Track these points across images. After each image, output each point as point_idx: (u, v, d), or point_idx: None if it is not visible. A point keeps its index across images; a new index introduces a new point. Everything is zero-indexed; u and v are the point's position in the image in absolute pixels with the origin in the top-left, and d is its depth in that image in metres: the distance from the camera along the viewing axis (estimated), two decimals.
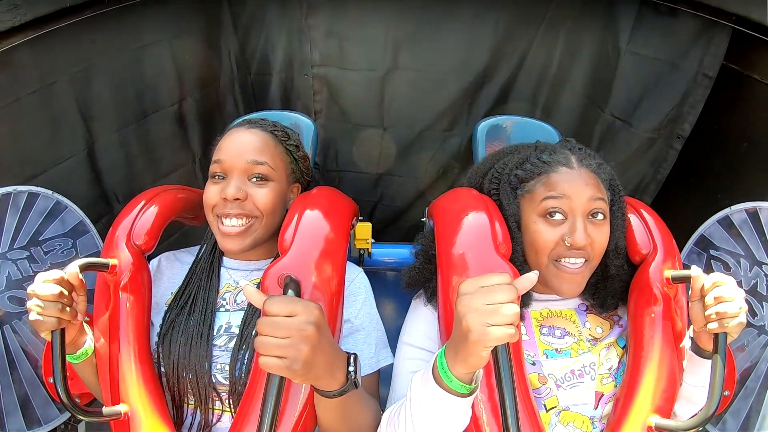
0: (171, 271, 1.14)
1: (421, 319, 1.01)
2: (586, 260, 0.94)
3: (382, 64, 1.73)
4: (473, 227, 0.93)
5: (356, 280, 1.07)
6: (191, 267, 1.11)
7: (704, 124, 1.54)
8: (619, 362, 0.98)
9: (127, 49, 1.46)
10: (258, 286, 0.90)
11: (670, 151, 1.62)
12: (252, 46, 1.79)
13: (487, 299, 0.67)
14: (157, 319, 1.04)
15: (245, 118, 1.32)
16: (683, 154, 1.61)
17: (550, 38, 1.68)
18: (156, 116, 1.60)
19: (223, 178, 1.05)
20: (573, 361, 0.97)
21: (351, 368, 0.79)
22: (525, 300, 1.00)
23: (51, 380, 1.02)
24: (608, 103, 1.65)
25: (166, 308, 1.05)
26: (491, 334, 0.66)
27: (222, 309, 1.05)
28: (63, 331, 0.85)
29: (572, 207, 0.93)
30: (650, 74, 1.55)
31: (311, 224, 0.96)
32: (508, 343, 0.70)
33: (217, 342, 1.00)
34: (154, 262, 1.14)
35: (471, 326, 0.67)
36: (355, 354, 0.82)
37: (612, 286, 1.01)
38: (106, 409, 0.90)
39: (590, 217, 0.94)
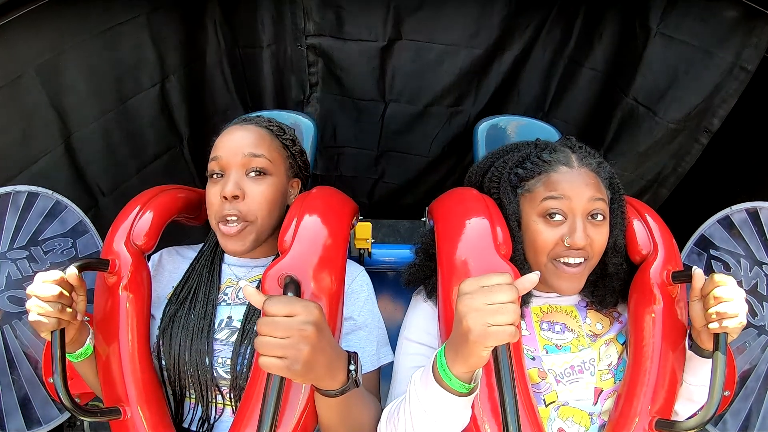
0: (172, 265, 1.14)
1: (421, 315, 1.02)
2: (585, 259, 0.94)
3: (383, 34, 1.62)
4: (474, 227, 0.93)
5: (358, 278, 1.08)
6: (192, 262, 1.12)
7: (733, 116, 1.42)
8: (618, 358, 0.98)
9: (98, 30, 1.34)
10: (259, 283, 0.90)
11: (695, 145, 1.49)
12: (239, 18, 1.67)
13: (488, 299, 0.67)
14: (158, 313, 1.04)
15: (241, 117, 1.32)
16: (707, 145, 1.49)
17: (569, 12, 1.56)
18: (137, 100, 1.50)
19: (222, 176, 1.05)
20: (573, 356, 0.97)
21: (352, 367, 0.79)
22: (524, 299, 1.00)
23: (51, 380, 1.02)
24: (632, 87, 1.50)
25: (167, 301, 1.06)
26: (492, 334, 0.67)
27: (223, 303, 1.05)
28: (63, 330, 0.85)
29: (572, 207, 0.93)
30: (681, 60, 1.41)
31: (311, 224, 0.96)
32: (508, 343, 0.70)
33: (218, 336, 1.00)
34: (155, 257, 1.15)
35: (471, 326, 0.67)
36: (355, 353, 0.82)
37: (611, 284, 1.01)
38: (106, 409, 0.90)
39: (590, 217, 0.94)
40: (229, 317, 1.02)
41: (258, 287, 0.83)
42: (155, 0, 1.45)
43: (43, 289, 0.82)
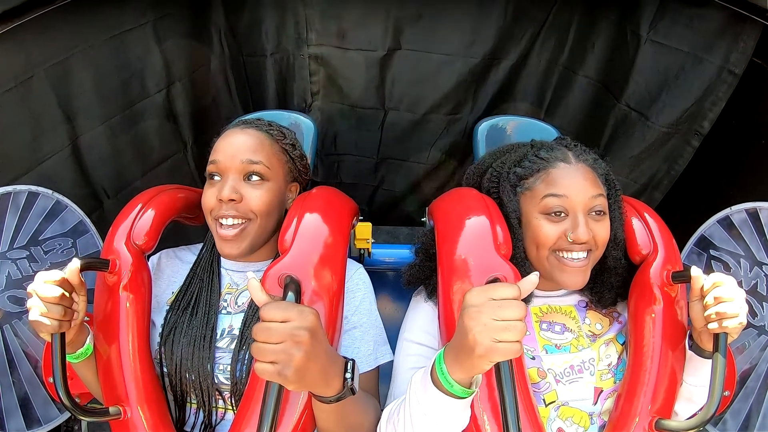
0: (171, 269, 1.14)
1: (421, 315, 1.02)
2: (589, 251, 0.95)
3: (383, 43, 1.66)
4: (474, 227, 0.93)
5: (355, 276, 1.07)
6: (192, 267, 1.11)
7: (722, 118, 1.45)
8: (618, 358, 0.98)
9: (107, 35, 1.38)
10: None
11: (687, 148, 1.53)
12: (243, 26, 1.70)
13: (497, 314, 0.66)
14: (157, 318, 1.04)
15: (241, 118, 1.32)
16: (698, 148, 1.53)
17: (563, 21, 1.61)
18: (143, 105, 1.53)
19: (220, 179, 1.05)
20: (572, 356, 0.97)
21: (348, 375, 0.78)
22: (525, 298, 1.00)
23: (51, 380, 1.02)
24: (624, 94, 1.56)
25: (167, 307, 1.05)
26: (499, 350, 0.66)
27: (224, 311, 1.05)
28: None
29: (573, 204, 0.93)
30: (671, 66, 1.45)
31: (311, 224, 0.96)
32: None
33: (219, 344, 1.00)
34: (153, 259, 1.14)
35: (479, 341, 0.66)
36: (353, 360, 0.81)
37: (609, 280, 1.02)
38: (106, 409, 0.90)
39: (591, 213, 0.95)
40: (230, 326, 1.02)
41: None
42: (162, 8, 1.48)
43: (45, 290, 0.82)
